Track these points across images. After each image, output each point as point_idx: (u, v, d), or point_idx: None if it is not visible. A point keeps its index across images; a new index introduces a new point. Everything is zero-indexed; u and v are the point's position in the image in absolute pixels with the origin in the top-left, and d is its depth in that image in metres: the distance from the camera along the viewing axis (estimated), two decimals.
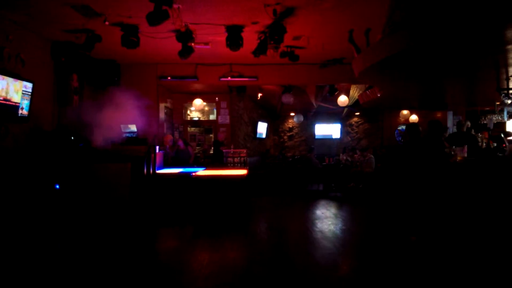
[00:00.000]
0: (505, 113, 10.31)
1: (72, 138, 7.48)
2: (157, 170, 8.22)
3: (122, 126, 9.19)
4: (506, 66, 6.55)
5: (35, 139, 6.85)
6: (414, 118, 14.19)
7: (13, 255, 4.74)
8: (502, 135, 8.19)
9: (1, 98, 5.81)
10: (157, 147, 8.58)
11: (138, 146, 8.12)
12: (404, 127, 13.66)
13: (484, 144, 8.74)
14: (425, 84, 8.67)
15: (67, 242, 5.45)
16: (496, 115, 11.70)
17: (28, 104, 6.46)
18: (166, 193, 7.56)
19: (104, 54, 8.24)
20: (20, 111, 6.29)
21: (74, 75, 8.04)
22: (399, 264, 4.30)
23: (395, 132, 14.57)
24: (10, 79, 5.96)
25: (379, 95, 9.91)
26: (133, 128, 9.54)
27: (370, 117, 14.88)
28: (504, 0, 4.11)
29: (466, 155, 5.90)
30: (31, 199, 6.30)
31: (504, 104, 8.45)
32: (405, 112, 14.40)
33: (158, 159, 8.56)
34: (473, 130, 8.54)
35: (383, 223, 6.44)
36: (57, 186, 6.92)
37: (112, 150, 7.84)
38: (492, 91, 8.12)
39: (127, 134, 9.16)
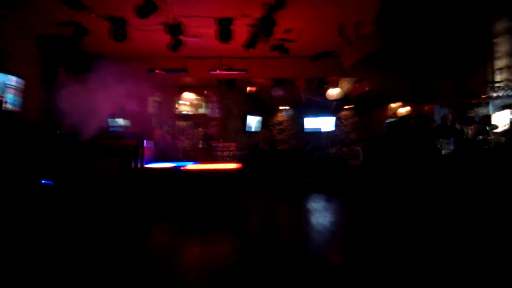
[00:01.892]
0: (491, 106, 10.46)
1: (59, 132, 7.36)
2: (146, 164, 8.15)
3: (109, 120, 9.07)
4: (492, 59, 6.66)
5: (22, 133, 6.72)
6: (402, 111, 14.31)
7: (3, 251, 4.66)
8: (488, 128, 8.32)
9: None
10: (145, 141, 8.50)
11: (126, 140, 8.03)
12: (393, 120, 13.77)
13: (470, 137, 8.86)
14: (413, 77, 8.76)
15: (55, 237, 5.38)
16: (482, 108, 11.87)
17: (13, 97, 6.31)
18: (155, 187, 7.50)
19: (93, 48, 8.10)
20: (3, 105, 6.15)
21: (61, 68, 7.89)
22: (387, 255, 4.36)
23: (383, 125, 14.65)
24: None
25: (367, 89, 9.97)
26: (121, 122, 9.43)
27: (359, 110, 14.95)
28: None
29: (452, 147, 5.99)
30: (18, 194, 6.19)
31: (490, 97, 8.57)
32: (393, 105, 14.50)
33: (147, 153, 8.49)
34: (456, 124, 8.65)
35: (371, 215, 6.51)
36: (43, 181, 6.82)
37: (100, 144, 7.74)
38: (478, 84, 8.24)
39: (115, 128, 9.05)
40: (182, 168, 7.47)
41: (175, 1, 5.67)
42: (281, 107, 14.97)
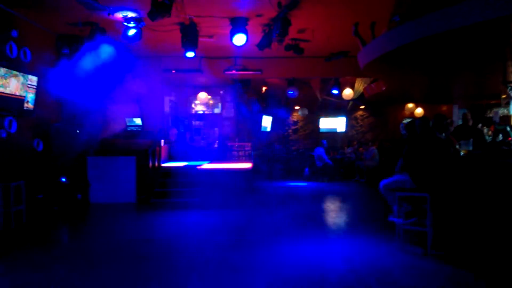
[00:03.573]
0: (511, 106, 10.21)
1: (78, 131, 7.54)
2: (162, 163, 8.27)
3: (127, 119, 9.23)
4: None
5: (42, 132, 6.90)
6: (419, 111, 14.11)
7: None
8: (508, 129, 8.12)
9: (6, 92, 5.85)
10: (162, 141, 8.63)
11: (143, 139, 8.17)
12: (409, 120, 13.58)
13: (489, 137, 8.68)
14: (430, 77, 8.61)
15: (76, 231, 5.52)
16: (502, 108, 11.59)
17: (34, 97, 6.49)
18: (172, 185, 7.61)
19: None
20: (25, 105, 6.33)
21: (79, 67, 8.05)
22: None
23: (400, 126, 14.47)
24: (15, 73, 5.98)
25: (384, 88, 9.85)
26: (138, 121, 9.59)
27: (375, 110, 14.79)
28: None
29: (471, 148, 5.87)
30: (39, 190, 6.37)
31: (510, 97, 8.37)
32: (410, 105, 14.30)
33: (163, 152, 8.62)
34: (479, 124, 8.48)
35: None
36: (63, 179, 7.00)
37: (118, 143, 7.90)
38: (497, 84, 8.05)
39: (132, 128, 9.20)
40: (198, 167, 7.56)
41: (189, 2, 5.73)
42: (296, 107, 14.94)
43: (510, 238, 4.03)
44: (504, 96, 9.30)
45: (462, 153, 5.70)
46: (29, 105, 6.43)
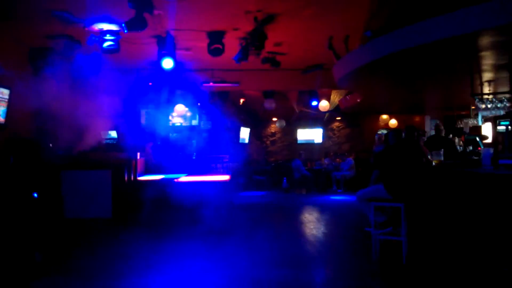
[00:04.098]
0: (480, 117, 10.63)
1: (51, 145, 7.36)
2: (139, 176, 8.16)
3: (102, 132, 9.07)
4: (480, 72, 6.80)
5: (13, 145, 6.70)
6: (393, 122, 14.49)
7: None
8: (478, 139, 8.43)
9: None
10: (138, 154, 8.52)
11: (119, 152, 8.05)
12: (384, 131, 13.90)
13: (460, 148, 8.99)
14: (402, 90, 8.90)
15: (47, 251, 5.33)
16: (471, 119, 12.04)
17: (5, 110, 6.32)
18: (149, 199, 7.49)
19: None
20: None
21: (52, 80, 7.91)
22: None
23: (375, 137, 14.81)
24: None
25: (359, 101, 10.09)
26: (114, 134, 9.44)
27: (351, 121, 15.10)
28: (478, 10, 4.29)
29: (442, 158, 6.06)
30: (8, 207, 6.15)
31: (478, 109, 8.72)
32: (384, 116, 14.69)
33: (140, 165, 8.50)
34: (451, 134, 8.77)
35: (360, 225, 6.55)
36: (35, 195, 6.79)
37: (93, 156, 7.74)
38: (467, 96, 8.39)
39: (107, 141, 9.05)
40: (175, 180, 7.50)
41: (166, 15, 5.75)
42: (273, 119, 15.07)
43: (479, 245, 4.16)
44: (473, 107, 9.68)
45: (434, 163, 5.89)
46: (0, 119, 6.26)
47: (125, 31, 5.34)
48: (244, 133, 13.85)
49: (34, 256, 5.01)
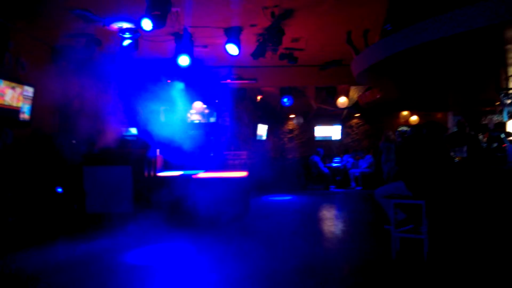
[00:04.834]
0: (505, 113, 10.32)
1: (74, 141, 7.52)
2: (158, 172, 8.26)
3: (122, 129, 9.22)
4: (505, 66, 6.58)
5: (37, 142, 6.89)
6: (414, 119, 14.20)
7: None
8: (503, 135, 8.18)
9: (3, 103, 5.85)
10: (158, 150, 8.61)
11: (139, 149, 8.16)
12: (404, 128, 13.64)
13: (485, 144, 8.75)
14: (424, 84, 8.69)
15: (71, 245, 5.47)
16: (496, 115, 11.69)
17: (30, 108, 6.49)
18: (168, 194, 7.58)
19: None
20: (21, 115, 6.33)
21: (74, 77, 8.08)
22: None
23: (395, 133, 14.55)
24: (11, 84, 6.00)
25: (378, 97, 9.93)
26: (134, 131, 9.56)
27: (370, 118, 14.87)
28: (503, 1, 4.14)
29: (465, 155, 5.92)
30: (33, 202, 6.33)
31: (503, 104, 8.45)
32: (405, 113, 14.40)
33: (159, 161, 8.60)
34: (474, 131, 8.53)
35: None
36: (59, 190, 6.97)
37: (114, 153, 7.88)
38: (492, 91, 8.15)
39: (128, 137, 9.18)
40: (193, 176, 7.55)
41: (184, 12, 5.78)
42: (291, 116, 15.00)
43: (505, 243, 4.04)
44: (498, 103, 9.39)
45: (456, 160, 5.76)
46: (25, 116, 6.43)
47: (144, 29, 5.40)
48: (262, 130, 13.84)
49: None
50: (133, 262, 4.56)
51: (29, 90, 6.45)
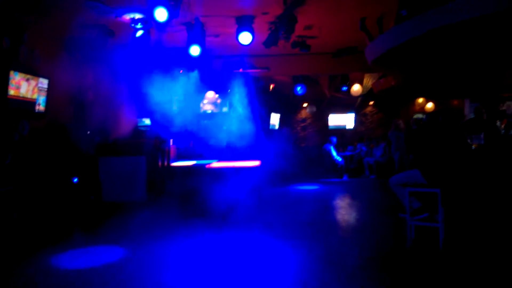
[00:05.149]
0: None
1: (89, 132, 7.64)
2: (171, 162, 8.35)
3: (136, 119, 9.32)
4: None
5: (53, 134, 7.00)
6: (429, 106, 13.96)
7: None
8: None
9: (18, 95, 5.95)
10: (171, 140, 8.69)
11: (153, 139, 8.24)
12: (420, 115, 13.44)
13: (503, 131, 8.55)
14: (441, 70, 8.50)
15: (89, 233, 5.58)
16: None
17: (45, 100, 6.59)
18: (182, 184, 7.66)
19: None
20: (37, 107, 6.44)
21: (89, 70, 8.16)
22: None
23: (411, 121, 14.34)
24: (26, 76, 6.09)
25: (393, 84, 9.77)
26: (147, 121, 9.65)
27: (385, 106, 14.68)
28: None
29: (482, 142, 5.80)
30: (49, 192, 6.46)
31: None
32: (420, 100, 14.16)
33: (172, 151, 8.69)
34: (491, 117, 8.35)
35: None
36: (75, 180, 7.09)
37: (128, 143, 7.98)
38: (510, 77, 7.93)
39: (141, 128, 9.28)
40: (206, 165, 7.60)
41: (195, 2, 5.75)
42: (304, 104, 14.90)
43: None
44: None
45: (473, 147, 5.65)
46: (41, 108, 6.54)
47: (158, 20, 5.39)
48: (274, 119, 13.80)
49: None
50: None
51: (44, 82, 6.54)
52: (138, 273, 3.87)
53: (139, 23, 6.65)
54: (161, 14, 5.31)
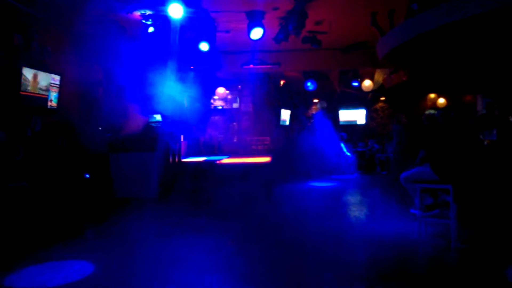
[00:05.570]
0: None
1: (100, 128, 7.71)
2: (182, 158, 8.39)
3: (147, 116, 9.38)
4: None
5: (65, 130, 7.08)
6: (441, 101, 13.78)
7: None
8: None
9: (31, 91, 6.03)
10: (182, 136, 8.74)
11: (164, 135, 8.29)
12: (432, 111, 13.25)
13: None
14: (453, 65, 8.37)
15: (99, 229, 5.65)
16: None
17: (57, 96, 6.67)
18: (192, 179, 7.70)
19: None
20: (49, 103, 6.51)
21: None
22: None
23: (422, 117, 14.17)
24: (38, 72, 6.16)
25: (404, 79, 9.66)
26: (158, 117, 9.71)
27: (396, 101, 14.52)
28: None
29: (495, 138, 5.70)
30: (62, 187, 6.55)
31: None
32: (432, 96, 13.98)
33: (183, 147, 8.73)
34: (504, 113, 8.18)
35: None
36: (87, 176, 7.17)
37: (139, 139, 8.04)
38: None
39: (152, 124, 9.33)
40: (217, 162, 7.64)
41: None
42: (314, 100, 14.83)
43: None
44: None
45: (485, 143, 5.56)
46: (53, 104, 6.62)
47: (172, 17, 5.41)
48: (285, 115, 13.77)
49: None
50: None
51: (56, 78, 6.61)
52: None
53: (150, 19, 6.68)
54: (176, 10, 5.31)
